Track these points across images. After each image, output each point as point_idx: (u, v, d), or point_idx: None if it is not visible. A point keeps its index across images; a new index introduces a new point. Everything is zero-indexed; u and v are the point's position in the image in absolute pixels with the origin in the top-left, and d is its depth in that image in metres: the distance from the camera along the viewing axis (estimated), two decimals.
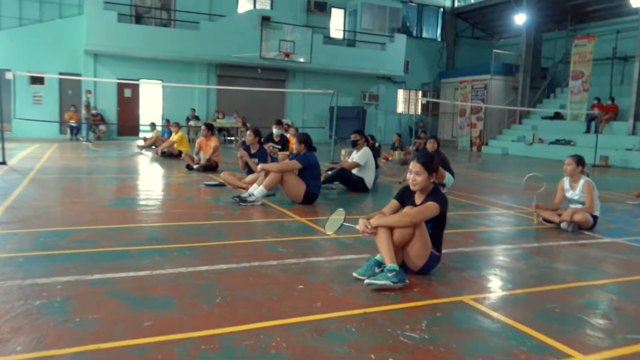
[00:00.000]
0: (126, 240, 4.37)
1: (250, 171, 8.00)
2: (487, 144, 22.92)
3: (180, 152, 12.46)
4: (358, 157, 7.99)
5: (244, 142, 18.89)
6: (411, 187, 3.77)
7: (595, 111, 18.82)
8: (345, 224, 3.83)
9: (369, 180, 8.04)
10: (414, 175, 3.70)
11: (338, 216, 3.96)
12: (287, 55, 19.80)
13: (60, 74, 19.63)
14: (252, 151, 8.04)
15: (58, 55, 19.23)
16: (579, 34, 23.48)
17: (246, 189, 7.62)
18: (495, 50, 23.96)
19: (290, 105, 23.73)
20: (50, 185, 7.49)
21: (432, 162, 3.73)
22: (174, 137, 12.76)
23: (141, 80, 21.15)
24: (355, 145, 8.14)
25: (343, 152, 13.85)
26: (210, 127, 10.46)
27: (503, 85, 23.84)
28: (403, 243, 3.62)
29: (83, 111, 18.78)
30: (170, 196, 6.92)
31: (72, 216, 5.31)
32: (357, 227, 3.69)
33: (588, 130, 19.57)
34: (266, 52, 20.39)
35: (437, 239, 3.77)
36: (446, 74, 26.36)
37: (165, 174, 9.75)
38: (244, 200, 6.34)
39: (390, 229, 3.59)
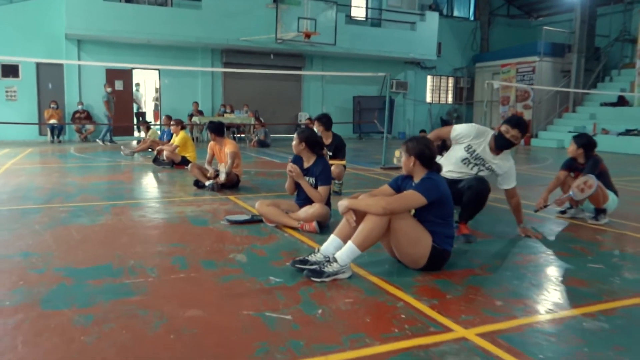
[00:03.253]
0: None
1: (302, 197, 4.88)
2: (536, 136, 19.74)
3: (184, 159, 9.34)
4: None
5: (259, 142, 15.78)
6: None
7: None
8: None
9: None
10: None
11: None
12: (308, 36, 16.53)
13: (37, 64, 16.55)
14: (306, 165, 4.90)
15: (34, 42, 15.97)
16: (636, 7, 20.33)
17: (300, 229, 4.55)
18: (545, 28, 20.69)
19: (308, 97, 20.54)
20: None
21: None
22: (175, 139, 9.61)
23: (134, 70, 18.03)
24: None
25: (397, 153, 10.74)
26: (218, 129, 7.21)
27: (551, 67, 20.64)
28: None
29: (103, 109, 15.78)
30: (174, 256, 3.78)
31: None
32: None
33: None
34: (281, 33, 17.14)
35: None
36: (482, 58, 23.12)
37: (165, 197, 6.62)
38: (317, 272, 3.22)
39: None
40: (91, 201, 6.04)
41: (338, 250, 3.36)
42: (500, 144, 4.38)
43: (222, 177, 6.76)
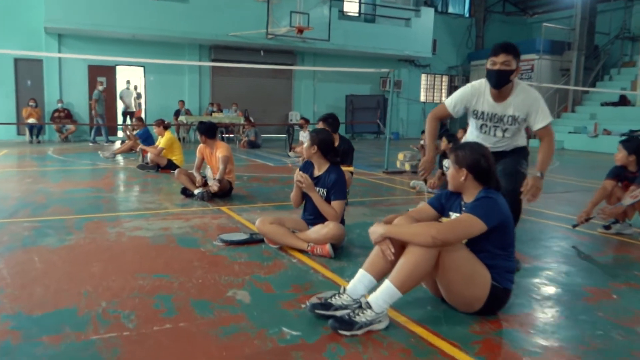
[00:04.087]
0: None
1: (310, 212, 4.12)
2: (534, 137, 19.09)
3: (170, 163, 8.52)
4: None
5: (249, 142, 14.96)
6: None
7: None
8: None
9: None
10: None
11: None
12: (301, 31, 15.74)
13: (15, 60, 15.57)
14: (316, 172, 4.14)
15: (11, 36, 14.92)
16: (637, 4, 19.83)
17: (310, 253, 3.79)
18: (545, 24, 20.08)
19: (299, 96, 19.76)
20: None
21: None
22: (161, 141, 8.78)
23: (118, 67, 17.09)
24: None
25: (401, 156, 10.01)
26: (209, 130, 6.41)
27: (550, 65, 20.08)
28: None
29: (97, 107, 14.90)
30: (157, 295, 3.00)
31: None
32: None
33: None
34: (272, 29, 16.32)
35: None
36: (477, 55, 22.46)
37: (148, 209, 5.79)
38: (346, 322, 2.46)
39: None
40: (63, 214, 5.22)
41: (370, 289, 2.62)
42: (494, 81, 3.46)
43: (214, 186, 5.97)
